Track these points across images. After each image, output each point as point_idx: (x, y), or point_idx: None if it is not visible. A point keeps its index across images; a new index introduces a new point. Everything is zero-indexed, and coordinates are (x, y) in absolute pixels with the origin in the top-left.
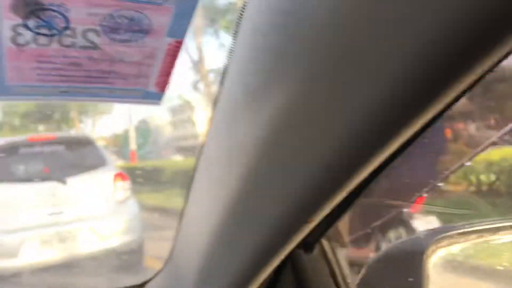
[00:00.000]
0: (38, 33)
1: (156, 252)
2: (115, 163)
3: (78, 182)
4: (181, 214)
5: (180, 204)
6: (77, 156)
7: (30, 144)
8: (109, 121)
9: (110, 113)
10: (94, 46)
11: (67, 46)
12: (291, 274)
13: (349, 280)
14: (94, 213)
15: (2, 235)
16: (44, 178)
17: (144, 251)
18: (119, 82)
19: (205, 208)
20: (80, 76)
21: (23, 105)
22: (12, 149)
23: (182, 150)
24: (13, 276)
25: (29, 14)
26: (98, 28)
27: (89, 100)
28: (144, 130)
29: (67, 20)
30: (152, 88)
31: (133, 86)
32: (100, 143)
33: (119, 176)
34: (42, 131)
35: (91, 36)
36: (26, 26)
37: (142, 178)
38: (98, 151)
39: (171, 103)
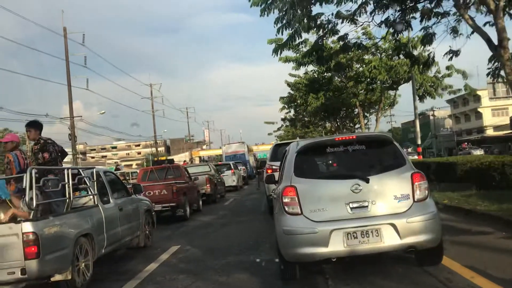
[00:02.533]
0: None
1: (459, 258)
2: None
3: (379, 181)
4: None
5: (482, 206)
6: (378, 155)
7: (336, 143)
8: (391, 117)
9: (393, 109)
10: None
11: None
12: None
13: None
14: (394, 211)
15: (316, 225)
16: (348, 175)
17: (442, 252)
18: None
19: None
20: None
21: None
22: (322, 148)
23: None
24: (323, 262)
25: None
26: None
27: None
28: (424, 125)
29: None
30: None
31: None
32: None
33: (417, 176)
34: (328, 127)
35: None
36: None
37: (433, 175)
38: (397, 151)
39: (454, 95)
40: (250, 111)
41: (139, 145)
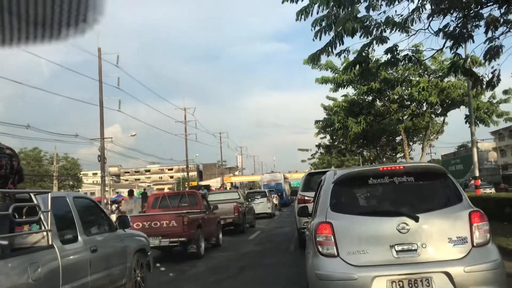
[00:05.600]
0: None
1: None
2: None
3: (431, 219)
4: None
5: None
6: (430, 190)
7: (380, 173)
8: (430, 148)
9: (439, 139)
10: None
11: None
12: None
13: None
14: (449, 256)
15: (355, 271)
16: (394, 212)
17: None
18: None
19: None
20: None
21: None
22: (363, 179)
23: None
24: None
25: None
26: None
27: None
28: (466, 157)
29: None
30: None
31: None
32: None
33: (476, 215)
34: (366, 155)
35: None
36: None
37: (499, 215)
38: (452, 185)
39: (499, 127)
40: (284, 138)
41: (172, 169)
